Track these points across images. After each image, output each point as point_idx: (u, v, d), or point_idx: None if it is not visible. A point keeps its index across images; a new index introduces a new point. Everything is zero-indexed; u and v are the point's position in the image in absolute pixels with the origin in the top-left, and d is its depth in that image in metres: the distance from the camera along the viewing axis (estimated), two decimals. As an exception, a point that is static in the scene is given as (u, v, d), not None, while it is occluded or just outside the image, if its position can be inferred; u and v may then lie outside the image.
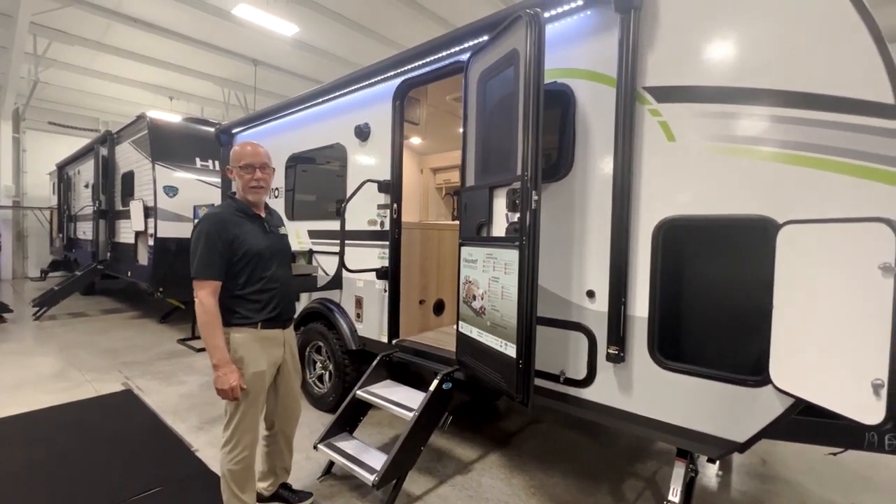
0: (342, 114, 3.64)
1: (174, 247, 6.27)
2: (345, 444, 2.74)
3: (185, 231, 6.14)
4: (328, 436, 2.79)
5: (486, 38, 2.40)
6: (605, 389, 2.15)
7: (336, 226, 3.40)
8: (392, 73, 3.19)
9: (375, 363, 3.07)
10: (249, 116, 4.66)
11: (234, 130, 4.79)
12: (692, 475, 2.19)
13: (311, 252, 3.86)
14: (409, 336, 3.42)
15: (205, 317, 1.97)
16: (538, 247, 1.97)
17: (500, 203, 2.20)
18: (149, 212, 6.43)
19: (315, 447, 2.74)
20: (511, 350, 2.05)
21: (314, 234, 3.92)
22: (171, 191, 6.41)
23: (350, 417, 2.92)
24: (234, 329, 2.07)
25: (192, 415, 3.70)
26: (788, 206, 1.66)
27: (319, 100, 3.79)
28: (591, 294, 2.18)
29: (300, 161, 4.14)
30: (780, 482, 2.92)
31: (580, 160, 2.22)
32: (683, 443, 1.99)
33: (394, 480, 2.48)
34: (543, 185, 2.16)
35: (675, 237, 1.93)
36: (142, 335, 6.40)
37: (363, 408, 2.97)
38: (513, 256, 2.03)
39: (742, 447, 1.80)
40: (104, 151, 7.88)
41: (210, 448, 3.11)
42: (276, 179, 3.97)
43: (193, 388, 4.31)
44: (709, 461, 2.74)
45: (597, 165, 2.16)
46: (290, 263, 2.43)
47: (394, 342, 3.27)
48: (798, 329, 1.57)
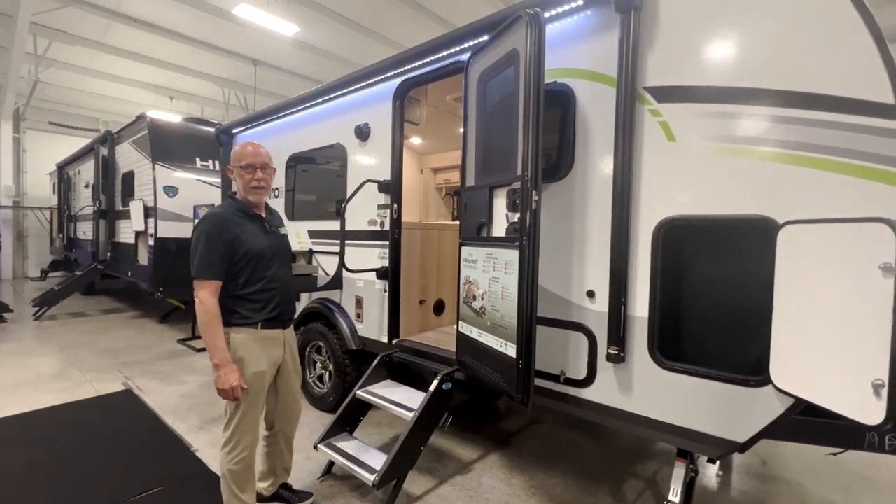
0: (342, 114, 3.64)
1: (174, 247, 6.27)
2: (345, 444, 2.74)
3: (186, 231, 6.14)
4: (328, 436, 2.79)
5: (487, 38, 2.40)
6: (606, 389, 2.15)
7: (336, 226, 3.40)
8: (392, 73, 3.19)
9: (375, 363, 3.07)
10: (250, 116, 4.66)
11: (235, 130, 4.79)
12: (692, 475, 2.18)
13: (312, 252, 3.86)
14: (410, 336, 3.42)
15: (205, 317, 1.97)
16: (538, 247, 1.97)
17: (501, 203, 2.20)
18: (149, 212, 6.44)
19: (315, 447, 2.74)
20: (511, 350, 2.05)
21: (314, 234, 3.92)
22: (172, 191, 6.41)
23: (350, 417, 2.93)
24: (235, 329, 2.07)
25: (193, 415, 3.70)
26: (789, 207, 1.66)
27: (319, 100, 3.79)
28: (592, 294, 2.18)
29: (300, 161, 4.14)
30: (781, 482, 2.92)
31: (580, 160, 2.22)
32: (684, 443, 1.99)
33: (394, 480, 2.48)
34: (543, 185, 2.16)
35: (676, 237, 1.92)
36: (142, 335, 6.40)
37: (363, 408, 2.97)
38: (513, 256, 2.03)
39: (742, 447, 1.80)
40: (104, 151, 7.88)
41: (210, 448, 3.11)
42: (277, 179, 3.97)
43: (193, 388, 4.31)
44: (709, 461, 2.73)
45: (597, 165, 2.16)
46: (291, 263, 2.43)
47: (394, 342, 3.26)
48: (798, 329, 1.57)
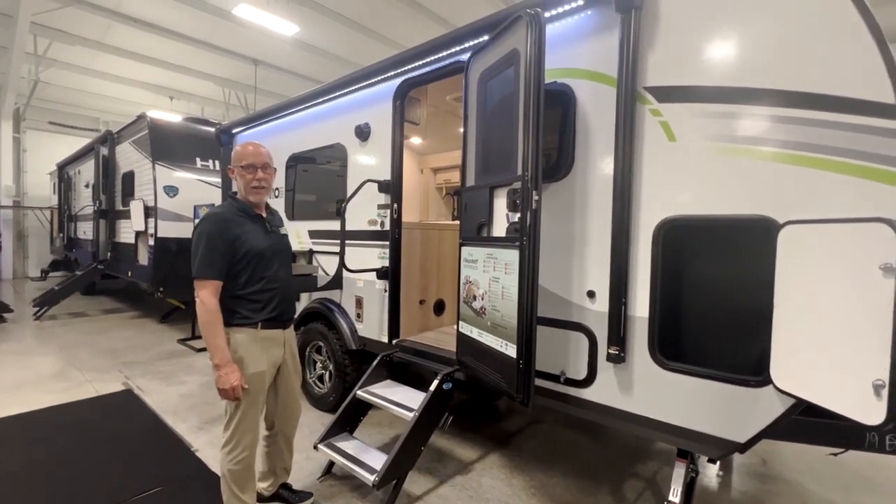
0: (342, 114, 3.64)
1: (174, 247, 6.27)
2: (345, 445, 2.74)
3: (186, 231, 6.14)
4: (328, 436, 2.79)
5: (487, 38, 2.40)
6: (606, 390, 2.15)
7: (336, 226, 3.39)
8: (392, 73, 3.19)
9: (376, 363, 3.07)
10: (250, 116, 4.66)
11: (235, 130, 4.79)
12: (693, 475, 2.18)
13: (312, 252, 3.86)
14: (410, 336, 3.42)
15: (206, 317, 1.97)
16: (538, 247, 1.97)
17: (501, 203, 2.20)
18: (149, 212, 6.43)
19: (315, 447, 2.74)
20: (511, 350, 2.05)
21: (314, 234, 3.92)
22: (172, 191, 6.41)
23: (350, 417, 2.92)
24: (235, 329, 2.07)
25: (193, 415, 3.70)
26: (789, 207, 1.66)
27: (320, 100, 3.79)
28: (592, 294, 2.18)
29: (300, 161, 4.13)
30: (781, 482, 2.92)
31: (581, 160, 2.22)
32: (684, 443, 1.99)
33: (394, 480, 2.48)
34: (544, 185, 2.16)
35: (676, 237, 1.92)
36: (142, 335, 6.40)
37: (363, 408, 2.97)
38: (513, 256, 2.03)
39: (743, 447, 1.80)
40: (104, 151, 7.88)
41: (210, 448, 3.11)
42: (277, 179, 3.97)
43: (194, 388, 4.31)
44: (709, 461, 2.74)
45: (597, 165, 2.16)
46: (291, 263, 2.43)
47: (394, 342, 3.26)
48: (799, 329, 1.56)
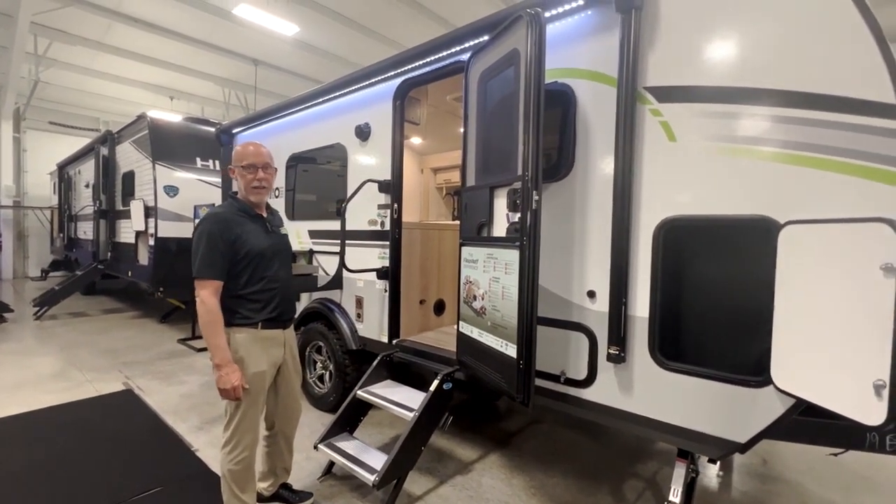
0: (343, 114, 3.64)
1: (175, 247, 6.27)
2: (345, 445, 2.74)
3: (186, 231, 6.14)
4: (328, 436, 2.79)
5: (487, 38, 2.40)
6: (606, 390, 2.14)
7: (336, 226, 3.39)
8: (392, 73, 3.19)
9: (376, 363, 3.07)
10: (250, 116, 4.66)
11: (235, 130, 4.79)
12: (693, 475, 2.18)
13: (312, 252, 3.86)
14: (410, 336, 3.42)
15: (207, 316, 1.97)
16: (539, 247, 1.97)
17: (501, 203, 2.19)
18: (149, 211, 6.43)
19: (315, 447, 2.74)
20: (512, 350, 2.05)
21: (314, 234, 3.92)
22: (172, 190, 6.41)
23: (350, 417, 2.92)
24: (235, 329, 2.07)
25: (193, 415, 3.70)
26: (789, 207, 1.66)
27: (320, 100, 3.79)
28: (592, 294, 2.18)
29: (301, 161, 4.13)
30: (781, 482, 2.92)
31: (581, 160, 2.22)
32: (684, 443, 1.99)
33: (394, 480, 2.48)
34: (544, 185, 2.16)
35: (676, 237, 1.92)
36: (142, 335, 6.41)
37: (363, 408, 2.97)
38: (513, 256, 2.03)
39: (743, 448, 1.80)
40: (105, 151, 7.88)
41: (210, 448, 3.11)
42: (277, 179, 3.96)
43: (194, 388, 4.31)
44: (710, 461, 2.73)
45: (597, 165, 2.16)
46: (291, 263, 2.43)
47: (394, 342, 3.26)
48: (799, 329, 1.56)
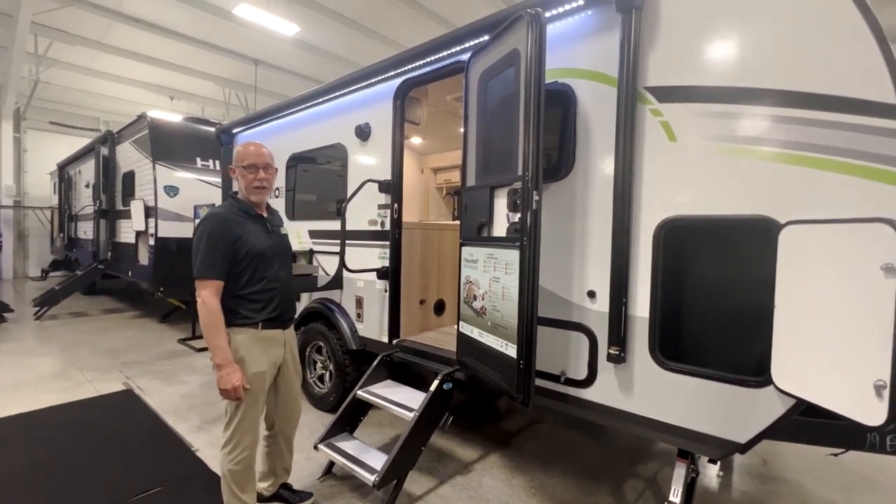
0: (343, 114, 3.64)
1: (175, 246, 6.27)
2: (345, 445, 2.74)
3: (186, 231, 6.14)
4: (328, 436, 2.79)
5: (487, 38, 2.40)
6: (606, 390, 2.14)
7: (336, 226, 3.39)
8: (393, 73, 3.19)
9: (376, 363, 3.07)
10: (250, 116, 4.66)
11: (235, 130, 4.79)
12: (693, 476, 2.18)
13: (312, 252, 3.86)
14: (410, 336, 3.42)
15: (208, 317, 1.97)
16: (539, 247, 1.97)
17: (501, 203, 2.19)
18: (149, 211, 6.43)
19: (315, 447, 2.74)
20: (512, 350, 2.05)
21: (315, 234, 3.91)
22: (172, 190, 6.41)
23: (350, 417, 2.92)
24: (236, 329, 2.06)
25: (193, 415, 3.70)
26: (790, 207, 1.65)
27: (320, 100, 3.79)
28: (592, 294, 2.17)
29: (301, 161, 4.13)
30: (781, 482, 2.91)
31: (581, 160, 2.22)
32: (684, 443, 1.99)
33: (394, 480, 2.47)
34: (544, 185, 2.16)
35: (677, 237, 1.92)
36: (142, 335, 6.41)
37: (363, 408, 2.97)
38: (513, 257, 2.02)
39: (743, 448, 1.80)
40: (105, 151, 7.88)
41: (210, 448, 3.11)
42: (277, 179, 3.97)
43: (194, 388, 4.31)
44: (710, 462, 2.74)
45: (598, 165, 2.16)
46: (291, 263, 2.43)
47: (394, 342, 3.26)
48: (800, 330, 1.56)
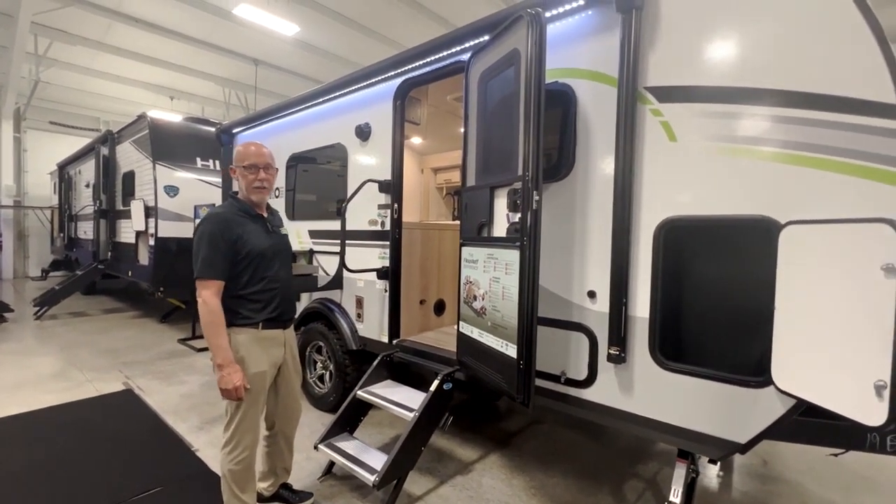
0: (343, 114, 3.64)
1: (175, 246, 6.27)
2: (345, 445, 2.74)
3: (186, 231, 6.14)
4: (329, 436, 2.79)
5: (487, 38, 2.40)
6: (606, 390, 2.14)
7: (337, 226, 3.39)
8: (393, 73, 3.19)
9: (376, 363, 3.07)
10: (250, 116, 4.66)
11: (235, 130, 4.79)
12: (693, 476, 2.18)
13: (312, 252, 3.86)
14: (410, 336, 3.41)
15: (209, 317, 1.96)
16: (539, 247, 1.97)
17: (501, 203, 2.19)
18: (150, 211, 6.43)
19: (315, 447, 2.73)
20: (512, 350, 2.04)
21: (315, 234, 3.91)
22: (172, 190, 6.41)
23: (350, 417, 2.92)
24: (236, 329, 2.06)
25: (193, 415, 3.70)
26: (790, 207, 1.65)
27: (320, 100, 3.79)
28: (592, 294, 2.17)
29: (301, 161, 4.13)
30: (781, 483, 2.91)
31: (581, 160, 2.22)
32: (684, 443, 1.99)
33: (394, 481, 2.47)
34: (544, 186, 2.16)
35: (677, 237, 1.92)
36: (142, 335, 6.41)
37: (364, 408, 2.97)
38: (514, 257, 2.02)
39: (743, 448, 1.80)
40: (105, 151, 7.88)
41: (210, 448, 3.11)
42: (277, 179, 3.97)
43: (194, 388, 4.31)
44: (710, 462, 2.73)
45: (598, 165, 2.16)
46: (291, 263, 2.43)
47: (394, 342, 3.26)
48: (800, 330, 1.56)
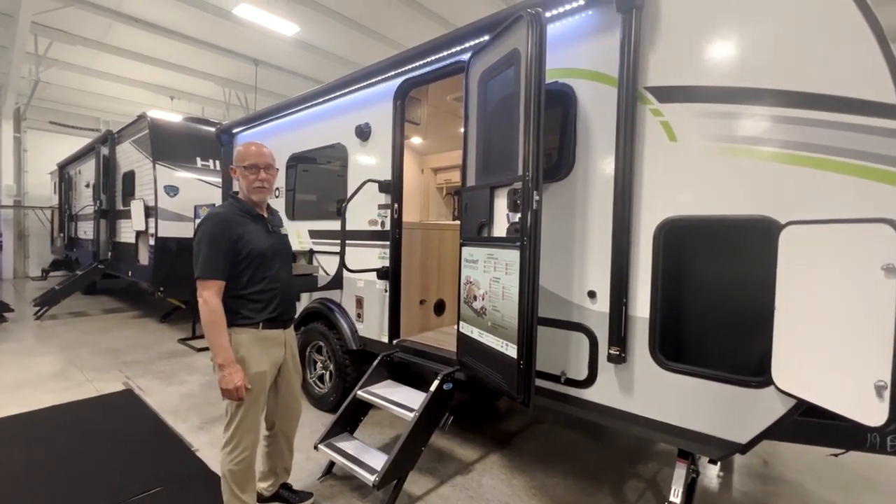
0: (343, 113, 3.64)
1: (175, 246, 6.27)
2: (345, 445, 2.74)
3: (186, 231, 6.14)
4: (329, 436, 2.79)
5: (487, 38, 2.40)
6: (607, 390, 2.14)
7: (337, 226, 3.39)
8: (393, 73, 3.19)
9: (376, 363, 3.07)
10: (250, 116, 4.66)
11: (235, 130, 4.79)
12: (693, 476, 2.18)
13: (312, 252, 3.86)
14: (410, 336, 3.41)
15: (210, 317, 1.96)
16: (539, 247, 1.97)
17: (501, 203, 2.19)
18: (150, 211, 6.44)
19: (315, 447, 2.73)
20: (512, 350, 2.04)
21: (315, 234, 3.91)
22: (172, 190, 6.41)
23: (350, 417, 2.92)
24: (236, 329, 2.06)
25: (193, 415, 3.70)
26: (790, 207, 1.65)
27: (320, 99, 3.79)
28: (593, 294, 2.17)
29: (301, 161, 4.13)
30: (782, 483, 2.91)
31: (581, 160, 2.22)
32: (685, 444, 1.98)
33: (394, 481, 2.47)
34: (544, 186, 2.16)
35: (677, 237, 1.92)
36: (142, 335, 6.41)
37: (364, 408, 2.97)
38: (514, 257, 2.02)
39: (744, 448, 1.80)
40: (105, 151, 7.88)
41: (210, 448, 3.11)
42: (277, 179, 3.97)
43: (194, 388, 4.31)
44: (710, 462, 2.73)
45: (598, 165, 2.16)
46: (292, 263, 2.43)
47: (394, 342, 3.26)
48: (800, 330, 1.56)
